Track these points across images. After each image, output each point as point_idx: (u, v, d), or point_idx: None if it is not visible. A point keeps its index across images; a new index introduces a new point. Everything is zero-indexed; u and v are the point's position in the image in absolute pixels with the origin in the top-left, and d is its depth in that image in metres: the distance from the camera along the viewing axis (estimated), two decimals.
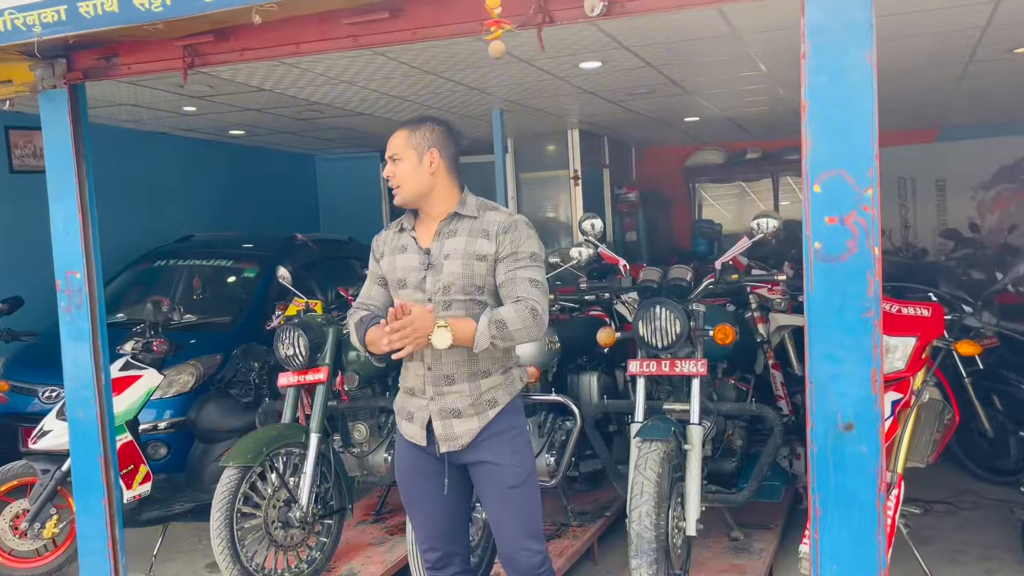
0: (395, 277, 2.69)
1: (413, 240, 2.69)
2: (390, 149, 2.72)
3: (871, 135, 2.27)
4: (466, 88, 6.15)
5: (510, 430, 2.67)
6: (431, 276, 2.62)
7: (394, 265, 2.69)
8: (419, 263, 2.65)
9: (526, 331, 2.53)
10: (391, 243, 2.75)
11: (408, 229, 2.73)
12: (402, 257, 2.68)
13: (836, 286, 2.33)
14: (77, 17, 2.71)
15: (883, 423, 2.33)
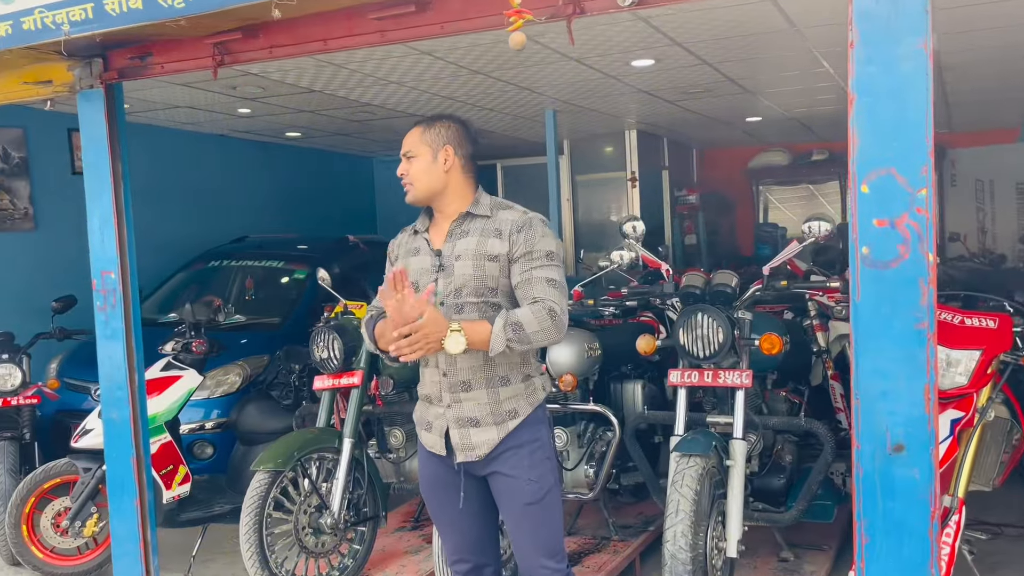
0: (409, 280, 2.52)
1: (426, 242, 2.60)
2: (404, 146, 2.62)
3: (925, 131, 2.08)
4: (516, 88, 6.04)
5: (531, 443, 2.53)
6: (443, 278, 2.53)
7: (407, 268, 2.56)
8: (431, 265, 2.56)
9: (544, 333, 2.41)
10: (405, 246, 2.66)
11: (422, 231, 2.64)
12: (415, 260, 2.60)
13: (885, 294, 2.14)
14: (104, 15, 2.69)
15: (937, 445, 2.13)
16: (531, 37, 4.62)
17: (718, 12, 4.25)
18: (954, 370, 2.80)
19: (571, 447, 3.72)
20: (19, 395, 4.62)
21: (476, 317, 2.49)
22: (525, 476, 2.50)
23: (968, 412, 2.73)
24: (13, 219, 6.55)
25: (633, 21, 4.40)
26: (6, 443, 4.45)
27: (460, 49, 4.86)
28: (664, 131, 9.31)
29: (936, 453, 2.15)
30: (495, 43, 4.74)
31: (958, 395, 2.80)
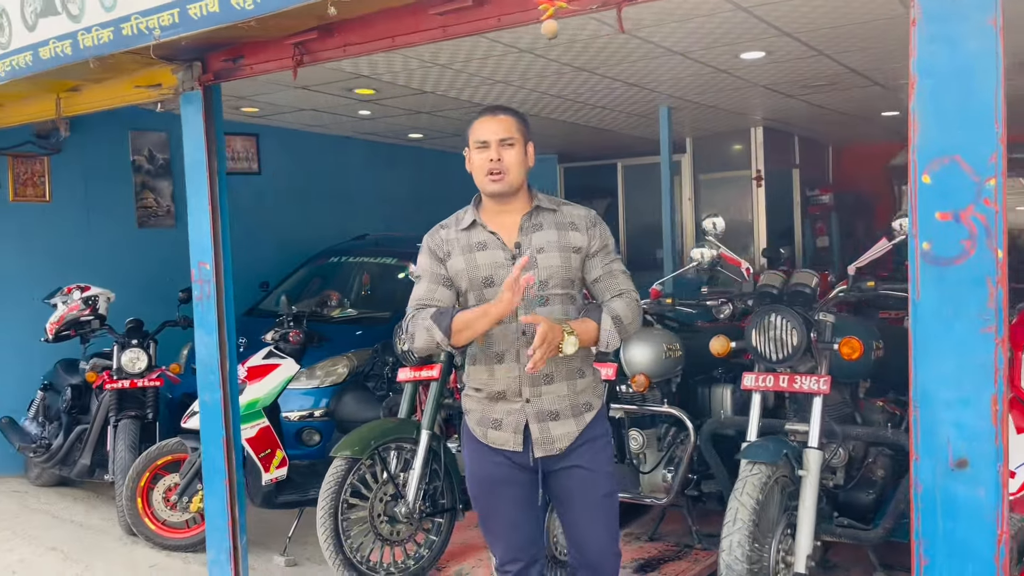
0: (478, 276, 2.51)
1: (493, 236, 2.53)
2: (500, 132, 2.52)
3: (995, 114, 1.90)
4: (624, 84, 5.96)
5: (604, 435, 2.60)
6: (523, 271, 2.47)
7: (474, 263, 2.52)
8: (505, 259, 2.50)
9: (635, 324, 2.54)
10: (461, 241, 2.55)
11: (481, 225, 2.56)
12: (483, 255, 2.52)
13: (948, 294, 1.97)
14: (188, 19, 2.84)
15: (1006, 461, 1.94)
16: (630, 31, 4.55)
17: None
18: None
19: (648, 449, 3.63)
20: (144, 377, 4.96)
21: (559, 309, 2.51)
22: (604, 468, 2.56)
23: None
24: (156, 216, 7.05)
25: (733, 11, 4.25)
26: (129, 421, 4.79)
27: (559, 46, 4.84)
28: (795, 128, 8.94)
29: (1006, 470, 1.96)
30: (593, 39, 4.70)
31: None
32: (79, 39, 3.18)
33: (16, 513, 5.06)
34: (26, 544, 4.53)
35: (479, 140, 2.54)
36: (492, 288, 2.51)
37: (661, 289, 3.72)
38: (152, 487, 4.42)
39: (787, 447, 2.90)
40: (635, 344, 3.59)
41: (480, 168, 2.53)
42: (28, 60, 3.41)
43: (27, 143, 6.19)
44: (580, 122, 7.68)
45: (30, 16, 3.34)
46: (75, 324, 5.10)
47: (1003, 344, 1.93)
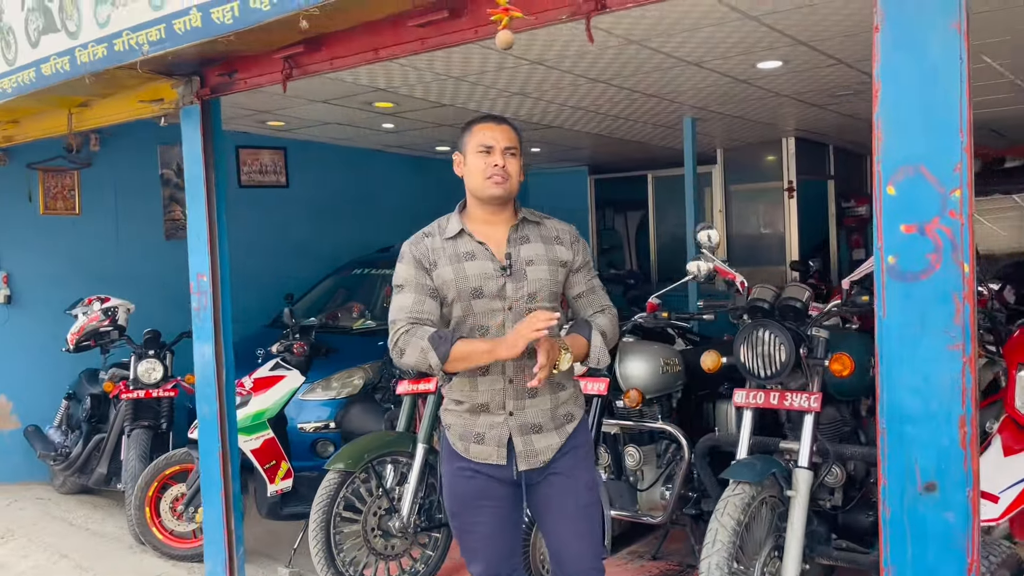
0: (468, 286, 2.46)
1: (481, 246, 2.50)
2: (505, 140, 2.52)
3: (960, 122, 1.82)
4: (643, 95, 5.89)
5: (585, 445, 2.59)
6: (512, 283, 2.46)
7: (463, 274, 2.47)
8: (494, 270, 2.47)
9: (615, 339, 2.60)
10: (448, 251, 2.50)
11: (469, 234, 2.52)
12: (471, 265, 2.47)
13: (914, 310, 1.89)
14: (173, 34, 2.89)
15: (975, 485, 1.85)
16: (639, 41, 4.50)
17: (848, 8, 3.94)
18: None
19: (646, 466, 3.55)
20: (160, 388, 5.03)
21: None
22: (584, 477, 2.54)
23: None
24: (184, 228, 7.12)
25: (742, 20, 4.17)
26: (141, 431, 4.86)
27: (568, 58, 4.80)
28: (829, 138, 8.76)
29: (975, 494, 1.87)
30: (603, 51, 4.65)
31: None
32: (76, 55, 3.24)
33: (36, 520, 5.16)
34: (41, 551, 4.61)
35: (483, 144, 2.51)
36: (481, 299, 2.47)
37: (659, 303, 3.65)
38: (160, 497, 4.47)
39: (776, 466, 2.81)
40: (630, 358, 3.52)
41: (481, 172, 2.49)
42: (32, 76, 3.49)
43: (58, 158, 6.35)
44: (605, 133, 7.63)
45: (33, 33, 3.43)
46: (95, 335, 5.20)
47: (971, 363, 1.85)
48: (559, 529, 2.53)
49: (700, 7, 3.89)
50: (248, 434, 4.26)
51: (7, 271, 6.18)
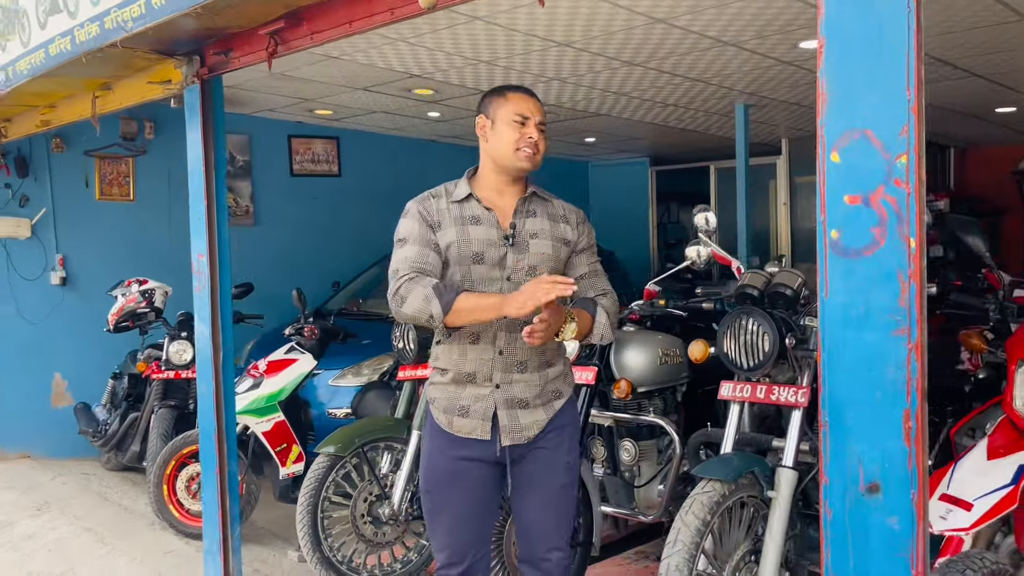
0: (469, 250, 2.41)
1: (488, 213, 2.45)
2: (539, 115, 2.50)
3: (906, 81, 1.62)
4: (685, 79, 5.68)
5: (572, 424, 2.55)
6: (513, 254, 2.42)
7: (467, 237, 2.41)
8: (498, 238, 2.43)
9: (615, 323, 2.54)
10: (453, 212, 2.45)
11: (476, 200, 2.47)
12: (476, 229, 2.42)
13: (858, 290, 1.70)
14: (152, 9, 2.88)
15: (922, 486, 1.65)
16: (665, 20, 4.31)
17: None
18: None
19: (644, 462, 3.38)
20: (189, 368, 5.11)
21: None
22: (566, 458, 2.50)
23: None
24: (235, 215, 7.31)
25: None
26: (167, 410, 4.95)
27: (596, 39, 4.65)
28: None
29: (923, 498, 1.67)
30: (629, 31, 4.48)
31: None
32: (75, 35, 3.29)
33: (74, 494, 5.33)
34: (69, 524, 4.75)
35: (520, 114, 2.45)
36: (481, 266, 2.43)
37: (657, 290, 3.46)
38: (178, 475, 4.54)
39: (759, 464, 2.62)
40: (626, 348, 3.36)
41: (513, 142, 2.44)
42: (42, 57, 3.57)
43: (114, 145, 6.55)
44: (659, 122, 7.42)
45: (42, 15, 3.50)
46: (133, 316, 5.33)
47: (917, 349, 1.65)
48: (532, 505, 2.48)
49: None
50: (259, 416, 4.28)
51: (63, 254, 6.41)
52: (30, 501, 5.17)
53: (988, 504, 1.97)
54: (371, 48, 4.91)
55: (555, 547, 2.47)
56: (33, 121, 4.96)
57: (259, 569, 4.05)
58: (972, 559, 1.99)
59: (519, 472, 2.46)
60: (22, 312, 6.28)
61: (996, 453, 2.10)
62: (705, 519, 2.45)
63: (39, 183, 6.34)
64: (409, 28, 4.48)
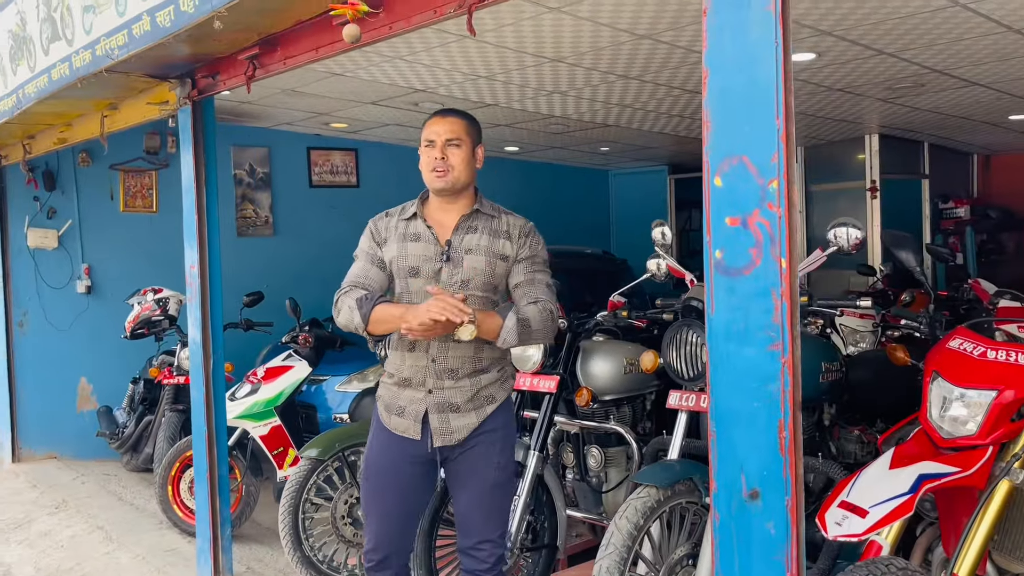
0: (406, 265, 2.62)
1: (428, 230, 2.63)
2: (446, 132, 2.66)
3: (776, 109, 1.72)
4: (685, 92, 5.74)
5: (504, 427, 2.66)
6: (448, 268, 2.59)
7: (405, 252, 2.63)
8: (435, 254, 2.60)
9: (543, 332, 2.57)
10: (399, 229, 2.67)
11: (420, 217, 2.66)
12: (415, 245, 2.62)
13: (739, 308, 1.80)
14: (133, 38, 3.08)
15: (795, 493, 1.74)
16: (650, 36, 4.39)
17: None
18: (961, 413, 2.18)
19: (613, 468, 3.47)
20: None
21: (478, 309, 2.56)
22: (496, 460, 2.63)
23: (966, 469, 2.11)
24: (255, 226, 7.56)
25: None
26: (174, 414, 5.16)
27: (585, 54, 4.76)
28: (923, 135, 8.23)
29: (797, 504, 1.76)
30: (617, 46, 4.58)
31: (967, 445, 2.17)
32: (72, 61, 3.51)
33: (92, 494, 5.58)
34: (83, 522, 4.99)
35: (427, 139, 2.68)
36: (417, 279, 2.62)
37: (623, 301, 3.56)
38: (181, 476, 4.74)
39: (698, 472, 2.70)
40: (591, 357, 3.46)
41: (426, 165, 2.66)
42: (44, 82, 3.80)
43: (138, 159, 6.83)
44: (668, 131, 7.48)
45: (44, 42, 3.73)
46: (148, 323, 5.56)
47: (790, 364, 1.74)
48: (464, 501, 2.64)
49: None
50: (257, 420, 4.47)
51: (89, 264, 6.70)
52: (49, 500, 5.43)
53: (883, 512, 2.04)
54: (371, 65, 5.07)
55: (486, 539, 2.61)
56: (52, 138, 5.23)
57: (252, 567, 4.22)
58: (878, 564, 2.06)
59: (452, 470, 2.64)
60: (49, 319, 6.58)
61: (900, 462, 2.16)
62: (638, 523, 2.54)
63: (66, 196, 6.64)
64: (404, 46, 4.63)
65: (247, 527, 4.76)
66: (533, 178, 9.24)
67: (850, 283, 7.53)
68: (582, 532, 4.12)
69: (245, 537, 4.65)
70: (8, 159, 6.21)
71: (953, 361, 2.24)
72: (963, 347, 2.25)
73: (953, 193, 8.83)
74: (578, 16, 4.07)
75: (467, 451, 2.61)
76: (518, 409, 3.54)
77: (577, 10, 3.97)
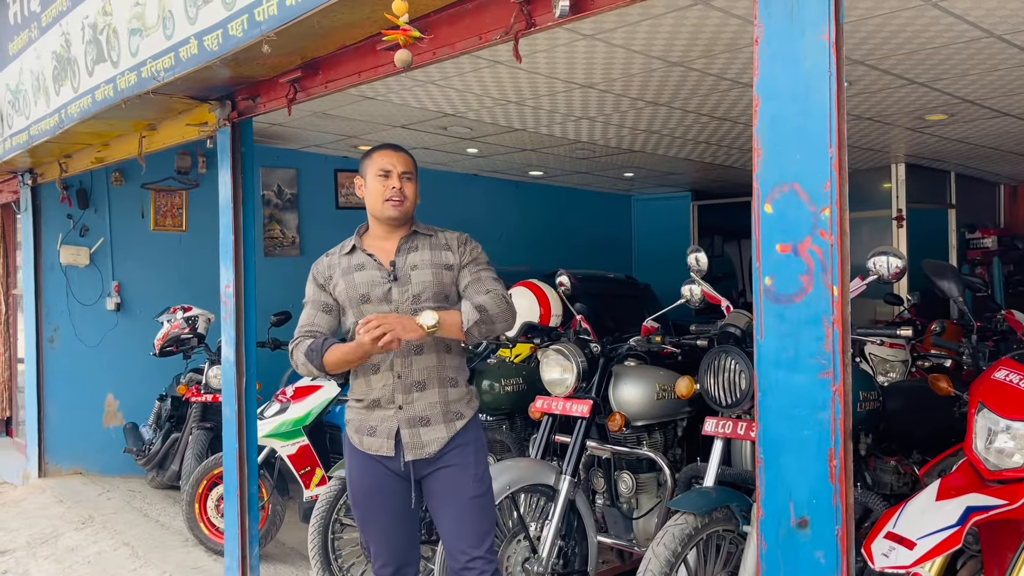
0: (356, 294, 2.72)
1: (371, 258, 2.74)
2: (402, 165, 2.82)
3: (829, 138, 1.73)
4: (712, 118, 5.77)
5: (475, 441, 2.72)
6: (397, 288, 2.69)
7: (352, 283, 2.73)
8: (381, 277, 2.70)
9: (503, 316, 2.64)
10: (342, 265, 2.78)
11: (361, 249, 2.78)
12: (360, 274, 2.73)
13: (789, 335, 1.80)
14: (180, 61, 3.14)
15: (845, 522, 1.73)
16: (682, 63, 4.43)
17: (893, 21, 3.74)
18: (1008, 445, 2.17)
19: (643, 494, 3.46)
20: None
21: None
22: (472, 471, 2.67)
23: (1013, 502, 2.09)
24: (282, 246, 7.62)
25: None
26: (202, 432, 5.19)
27: (616, 80, 4.79)
28: (950, 164, 8.22)
29: (847, 533, 1.75)
30: (648, 73, 4.61)
31: (1014, 478, 2.16)
32: (117, 82, 3.57)
33: (117, 510, 5.61)
34: (110, 538, 5.01)
35: (381, 169, 2.79)
36: (369, 304, 2.71)
37: (656, 326, 3.55)
38: (208, 494, 4.75)
39: (737, 499, 2.69)
40: (623, 382, 3.46)
41: (379, 194, 2.77)
42: (89, 103, 3.87)
43: (168, 179, 6.92)
44: (693, 158, 7.51)
45: (90, 64, 3.80)
46: (177, 341, 5.60)
47: (840, 392, 1.74)
48: (446, 518, 2.67)
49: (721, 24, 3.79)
50: (285, 439, 4.48)
51: (119, 281, 6.78)
52: (76, 515, 5.46)
53: (931, 544, 2.02)
54: (403, 90, 5.13)
55: (475, 556, 2.61)
56: (89, 158, 5.31)
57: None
58: None
59: (430, 489, 2.68)
60: (79, 335, 6.65)
61: (947, 494, 2.15)
62: (675, 550, 2.53)
63: (99, 214, 6.73)
64: (437, 72, 4.69)
65: (271, 547, 4.76)
66: (556, 202, 9.27)
67: (876, 312, 7.50)
68: (609, 559, 4.10)
69: (270, 556, 4.65)
70: (44, 177, 6.30)
71: (999, 392, 2.22)
72: (1009, 378, 2.24)
73: (979, 223, 8.78)
74: (612, 43, 4.11)
75: (442, 468, 2.64)
76: (549, 432, 3.54)
77: (611, 37, 4.01)
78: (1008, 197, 9.32)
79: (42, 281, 6.61)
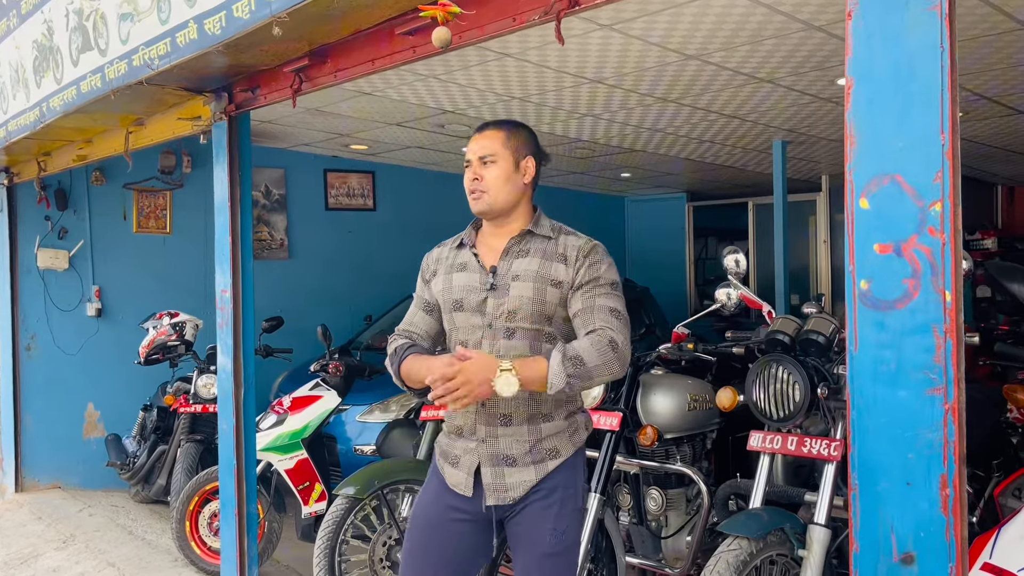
0: (451, 298, 2.35)
1: (474, 257, 2.36)
2: (480, 150, 2.35)
3: (941, 123, 1.53)
4: (720, 116, 5.59)
5: (564, 488, 2.29)
6: (493, 298, 2.29)
7: (450, 284, 2.36)
8: (480, 283, 2.32)
9: (606, 367, 2.16)
10: (447, 261, 2.41)
11: (468, 245, 2.40)
12: (460, 276, 2.36)
13: (889, 345, 1.60)
14: (176, 47, 2.89)
15: (959, 557, 1.53)
16: (698, 56, 4.24)
17: None
18: None
19: (672, 512, 3.25)
20: (216, 403, 5.08)
21: (526, 347, 2.27)
22: (551, 525, 2.26)
23: None
24: (270, 248, 7.36)
25: (807, 32, 3.86)
26: (192, 445, 4.92)
27: (628, 75, 4.60)
28: None
29: (960, 573, 1.54)
30: (662, 67, 4.42)
31: None
32: (105, 72, 3.32)
33: (100, 527, 5.32)
34: (92, 558, 4.72)
35: (466, 159, 2.42)
36: (461, 313, 2.34)
37: (687, 332, 3.35)
38: (200, 511, 4.49)
39: (790, 521, 2.49)
40: (653, 392, 3.25)
41: (466, 188, 2.40)
42: (73, 94, 3.60)
43: (152, 179, 6.63)
44: (695, 158, 7.33)
45: (74, 52, 3.54)
46: (163, 348, 5.33)
47: (955, 411, 1.53)
48: (519, 569, 2.32)
49: (747, 13, 3.61)
50: (282, 453, 4.23)
51: (99, 285, 6.48)
52: (56, 533, 5.17)
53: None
54: (403, 84, 4.90)
55: None
56: (71, 155, 5.03)
57: None
58: None
59: (511, 532, 2.33)
60: (58, 342, 6.35)
61: None
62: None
63: (78, 215, 6.43)
64: (441, 65, 4.46)
65: (268, 566, 4.51)
66: (549, 203, 9.00)
67: None
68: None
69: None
70: (20, 176, 6.00)
71: None
72: None
73: (977, 224, 8.68)
74: (628, 34, 3.91)
75: (523, 510, 2.28)
76: None
77: (629, 27, 3.81)
78: (1006, 198, 9.24)
79: (18, 286, 6.30)
